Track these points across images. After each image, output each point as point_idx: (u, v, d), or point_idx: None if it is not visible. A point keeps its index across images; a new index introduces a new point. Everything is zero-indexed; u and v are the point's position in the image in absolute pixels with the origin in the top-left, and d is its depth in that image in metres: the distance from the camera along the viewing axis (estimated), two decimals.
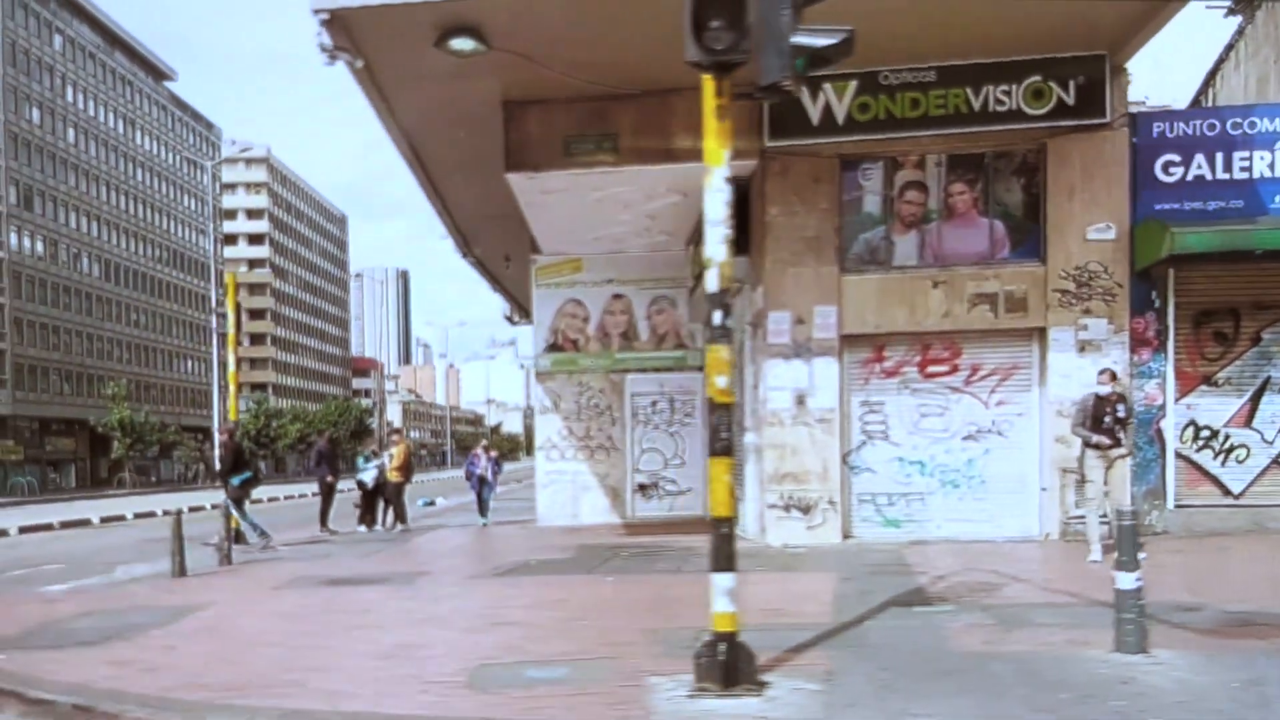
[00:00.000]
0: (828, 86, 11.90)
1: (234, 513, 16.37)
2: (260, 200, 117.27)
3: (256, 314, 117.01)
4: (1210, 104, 19.43)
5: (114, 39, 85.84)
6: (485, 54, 10.80)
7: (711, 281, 5.16)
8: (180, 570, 11.49)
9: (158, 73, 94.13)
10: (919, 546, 11.39)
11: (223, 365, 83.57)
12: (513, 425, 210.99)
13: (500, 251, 22.67)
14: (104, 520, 27.23)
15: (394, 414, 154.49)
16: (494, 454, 19.81)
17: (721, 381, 5.23)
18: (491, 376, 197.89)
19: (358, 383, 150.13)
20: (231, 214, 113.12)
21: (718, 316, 5.15)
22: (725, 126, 5.14)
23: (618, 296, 17.98)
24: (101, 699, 5.38)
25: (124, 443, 61.98)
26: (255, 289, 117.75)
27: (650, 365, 17.94)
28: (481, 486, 19.22)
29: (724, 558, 5.14)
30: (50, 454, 75.75)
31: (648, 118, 12.41)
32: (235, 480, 16.35)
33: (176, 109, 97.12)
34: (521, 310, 32.03)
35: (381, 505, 18.76)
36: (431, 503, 30.75)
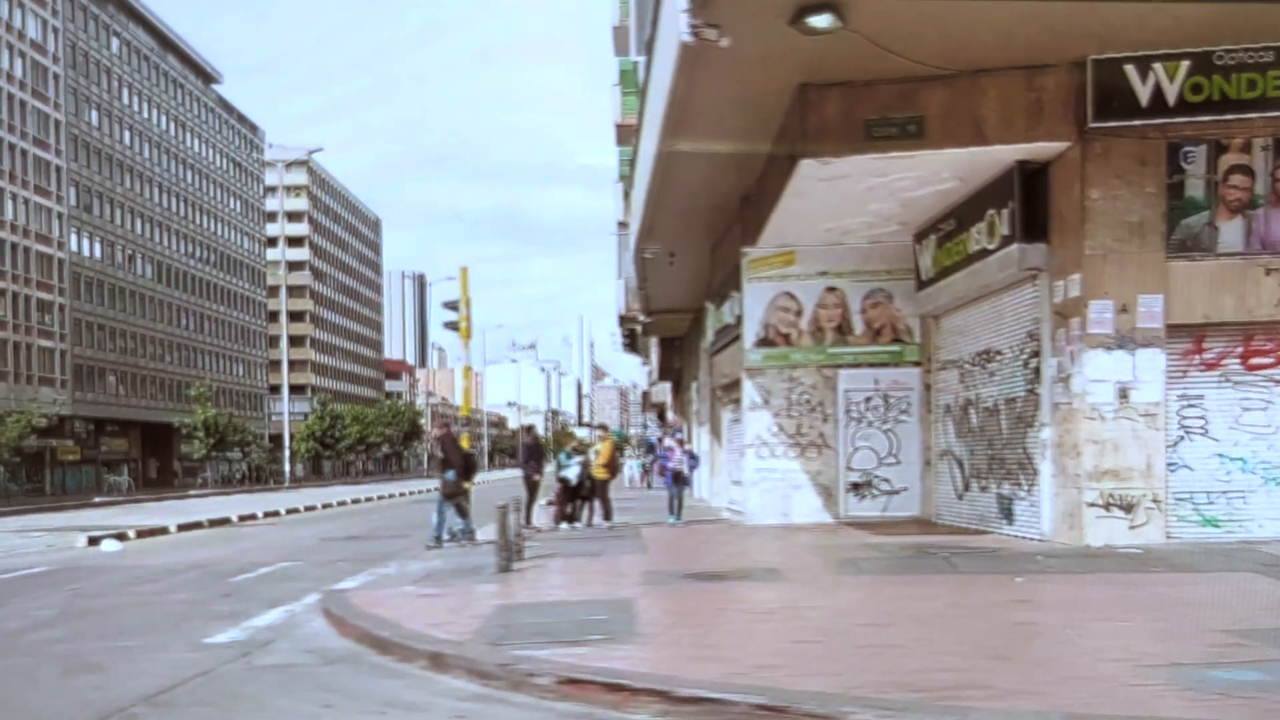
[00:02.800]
0: (1158, 66, 11.44)
1: (441, 508, 16.09)
2: (300, 203, 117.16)
3: (295, 316, 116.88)
4: None
5: (166, 42, 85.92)
6: (832, 32, 10.40)
7: None
8: (506, 565, 11.07)
9: (206, 75, 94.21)
10: (1265, 546, 10.89)
11: (274, 365, 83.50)
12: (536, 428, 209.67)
13: (670, 248, 22.32)
14: (241, 519, 26.92)
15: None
16: (688, 448, 19.35)
17: None
18: (508, 380, 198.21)
19: (389, 385, 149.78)
20: (272, 216, 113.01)
21: None
22: None
23: (831, 289, 17.52)
24: (797, 699, 4.95)
25: (206, 443, 61.73)
26: (294, 291, 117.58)
27: (865, 360, 17.46)
28: (676, 482, 18.77)
29: None
30: (105, 454, 75.74)
31: (958, 99, 12.00)
32: (449, 475, 16.04)
33: (223, 111, 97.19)
34: (647, 309, 31.63)
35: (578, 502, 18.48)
36: (551, 502, 30.34)
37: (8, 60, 64.23)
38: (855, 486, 17.48)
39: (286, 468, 65.65)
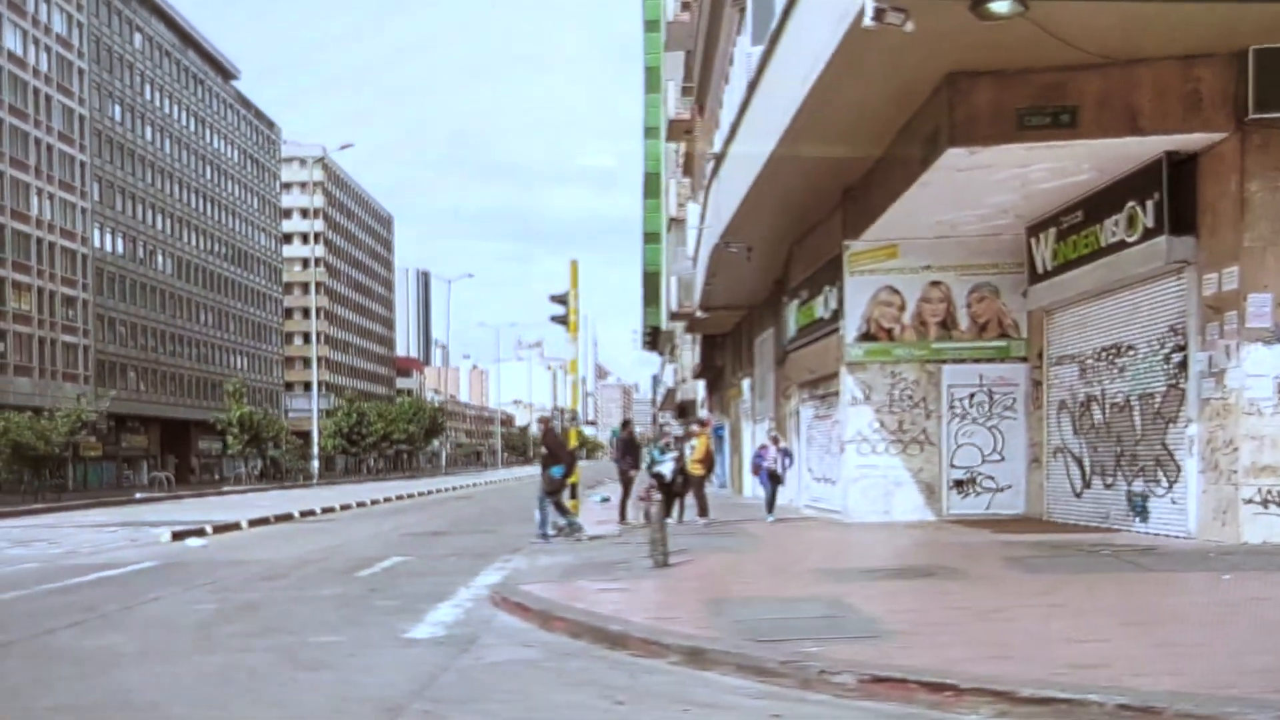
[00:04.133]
0: None
1: (543, 503, 15.85)
2: (315, 199, 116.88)
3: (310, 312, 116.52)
4: None
5: (187, 38, 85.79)
6: (1009, 18, 10.18)
7: None
8: (663, 560, 10.84)
9: (225, 71, 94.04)
10: None
11: (288, 362, 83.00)
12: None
13: (749, 243, 22.08)
14: (302, 514, 26.72)
15: None
16: (783, 445, 19.16)
17: None
18: (513, 378, 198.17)
19: (400, 382, 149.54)
20: (287, 213, 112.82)
21: None
22: None
23: (935, 284, 17.33)
24: (1168, 700, 4.72)
25: (240, 439, 61.57)
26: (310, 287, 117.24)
27: (969, 356, 17.28)
28: (772, 481, 18.56)
29: None
30: (125, 450, 75.64)
31: (1112, 89, 11.79)
32: (555, 471, 15.82)
33: (241, 107, 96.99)
34: (706, 305, 31.38)
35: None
36: (607, 499, 30.14)
37: (34, 55, 64.08)
38: (958, 484, 17.28)
39: (316, 465, 65.52)
